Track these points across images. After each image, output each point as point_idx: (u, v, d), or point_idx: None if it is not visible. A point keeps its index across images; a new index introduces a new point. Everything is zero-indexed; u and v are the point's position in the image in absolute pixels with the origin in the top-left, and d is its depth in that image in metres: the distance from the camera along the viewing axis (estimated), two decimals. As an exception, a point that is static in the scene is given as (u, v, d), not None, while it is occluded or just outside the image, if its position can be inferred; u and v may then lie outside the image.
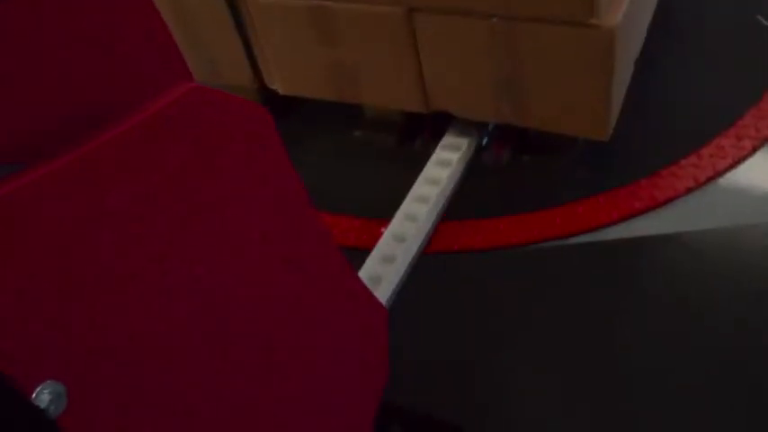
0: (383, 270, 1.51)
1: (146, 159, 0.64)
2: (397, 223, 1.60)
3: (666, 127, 1.70)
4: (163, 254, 0.67)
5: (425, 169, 1.69)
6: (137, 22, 0.67)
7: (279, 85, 1.85)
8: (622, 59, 1.49)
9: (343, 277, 0.92)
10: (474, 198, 1.67)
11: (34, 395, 0.58)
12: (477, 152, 1.75)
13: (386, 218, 1.63)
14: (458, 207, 1.65)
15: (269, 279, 0.80)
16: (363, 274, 1.51)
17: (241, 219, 0.75)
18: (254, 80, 1.86)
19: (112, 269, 0.63)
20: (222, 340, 0.76)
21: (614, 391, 1.27)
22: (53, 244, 0.59)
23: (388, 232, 1.58)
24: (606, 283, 1.44)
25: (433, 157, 1.71)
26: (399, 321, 1.10)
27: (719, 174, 1.57)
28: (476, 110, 1.66)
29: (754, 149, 1.60)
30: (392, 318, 1.06)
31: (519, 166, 1.71)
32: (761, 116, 1.66)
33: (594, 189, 1.60)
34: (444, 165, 1.69)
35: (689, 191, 1.56)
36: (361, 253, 1.56)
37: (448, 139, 1.75)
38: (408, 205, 1.63)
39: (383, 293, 1.46)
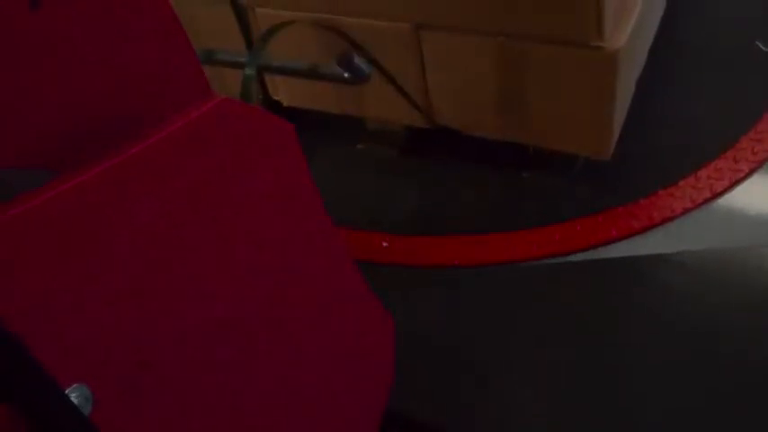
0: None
1: (177, 168, 0.65)
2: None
3: (665, 148, 1.72)
4: (191, 261, 0.69)
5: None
6: (163, 39, 0.69)
7: (283, 97, 1.87)
8: (625, 80, 1.51)
9: (354, 285, 0.93)
10: (473, 213, 1.69)
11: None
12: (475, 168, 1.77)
13: (387, 230, 1.64)
14: (457, 222, 1.67)
15: (286, 287, 0.81)
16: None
17: (263, 227, 0.76)
18: (258, 91, 1.88)
19: (142, 275, 0.65)
20: (238, 345, 0.77)
21: (609, 408, 1.28)
22: (88, 251, 0.60)
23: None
24: (603, 301, 1.46)
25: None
26: (398, 334, 1.11)
27: (716, 195, 1.59)
28: (479, 126, 1.67)
29: (751, 172, 1.62)
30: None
31: (519, 182, 1.72)
32: (758, 139, 1.68)
33: (593, 207, 1.62)
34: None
35: (686, 211, 1.57)
36: (362, 265, 1.57)
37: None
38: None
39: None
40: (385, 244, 1.64)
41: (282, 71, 1.67)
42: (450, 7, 1.46)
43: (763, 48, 1.87)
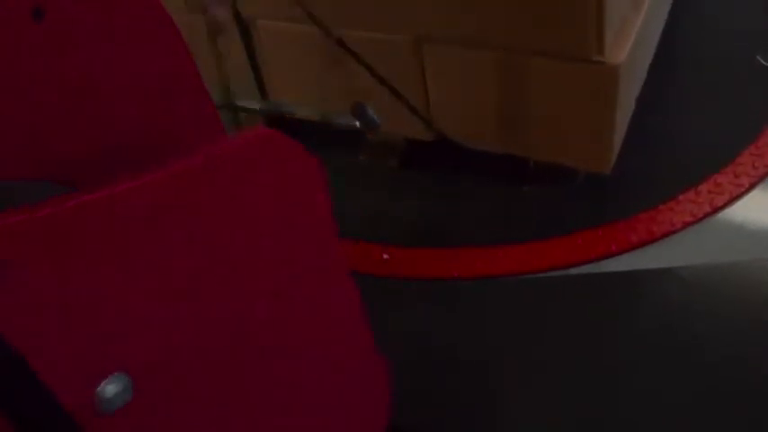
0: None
1: (205, 195, 0.67)
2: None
3: (666, 162, 1.72)
4: (206, 286, 0.70)
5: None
6: (166, 56, 0.69)
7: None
8: (625, 95, 1.51)
9: (357, 320, 0.94)
10: (474, 226, 1.69)
11: (102, 386, 0.62)
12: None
13: (388, 242, 1.64)
14: (457, 234, 1.67)
15: (292, 315, 0.82)
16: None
17: (281, 255, 0.78)
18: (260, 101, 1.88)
19: (160, 296, 0.66)
20: (238, 368, 0.78)
21: (608, 413, 1.28)
22: (102, 264, 0.61)
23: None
24: (604, 314, 1.46)
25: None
26: (398, 345, 1.11)
27: (717, 210, 1.59)
28: (479, 139, 1.68)
29: (752, 186, 1.63)
30: (392, 345, 1.08)
31: (519, 195, 1.73)
32: (758, 154, 1.69)
33: (594, 221, 1.62)
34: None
35: (686, 226, 1.57)
36: (362, 277, 1.57)
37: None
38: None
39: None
40: (385, 256, 1.64)
41: (294, 116, 1.70)
42: (451, 21, 1.47)
43: (763, 62, 1.88)
